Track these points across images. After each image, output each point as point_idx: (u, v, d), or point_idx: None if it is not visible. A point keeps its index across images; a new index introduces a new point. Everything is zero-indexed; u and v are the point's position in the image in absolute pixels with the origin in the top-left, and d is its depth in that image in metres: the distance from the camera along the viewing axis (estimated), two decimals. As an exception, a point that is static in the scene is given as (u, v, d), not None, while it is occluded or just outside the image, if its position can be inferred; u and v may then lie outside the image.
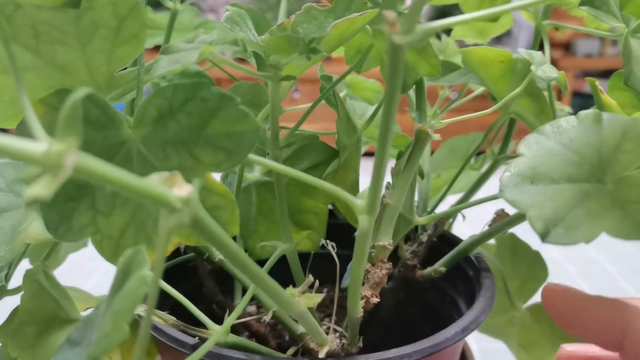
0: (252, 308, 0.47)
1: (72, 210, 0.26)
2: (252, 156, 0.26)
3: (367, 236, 0.26)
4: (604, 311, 0.25)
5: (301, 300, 0.25)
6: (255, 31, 0.30)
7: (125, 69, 0.27)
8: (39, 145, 0.15)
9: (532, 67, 0.34)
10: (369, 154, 0.36)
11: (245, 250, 0.42)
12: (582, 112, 0.26)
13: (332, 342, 0.29)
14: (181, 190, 0.18)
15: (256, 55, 0.28)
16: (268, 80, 0.28)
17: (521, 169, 0.25)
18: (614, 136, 0.25)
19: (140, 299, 0.19)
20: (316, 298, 0.25)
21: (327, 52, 0.30)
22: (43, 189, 0.15)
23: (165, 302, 0.39)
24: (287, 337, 0.43)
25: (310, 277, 0.28)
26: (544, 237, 0.22)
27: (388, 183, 0.37)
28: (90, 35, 0.25)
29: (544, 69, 0.34)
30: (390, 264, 0.33)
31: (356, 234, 0.26)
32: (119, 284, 0.21)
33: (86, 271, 0.65)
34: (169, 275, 0.41)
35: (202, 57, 0.24)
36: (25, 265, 0.35)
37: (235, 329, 0.41)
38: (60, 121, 0.16)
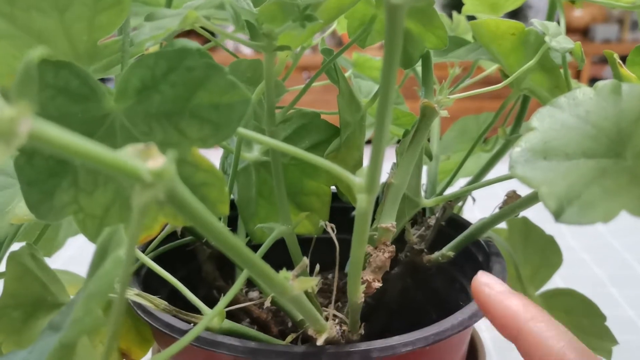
0: (255, 294, 0.45)
1: (53, 187, 0.24)
2: (244, 131, 0.24)
3: (367, 216, 0.24)
4: (506, 309, 0.27)
5: (295, 284, 0.23)
6: (255, 4, 0.29)
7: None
8: (-10, 110, 0.14)
9: (546, 39, 0.32)
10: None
11: (247, 234, 0.40)
12: (600, 83, 0.24)
13: (331, 329, 0.27)
14: (156, 163, 0.17)
15: (249, 25, 0.26)
16: (261, 50, 0.26)
17: (533, 143, 0.23)
18: (634, 108, 0.23)
19: (114, 281, 0.18)
20: (311, 281, 0.24)
21: (326, 21, 0.28)
22: (-6, 157, 0.14)
23: (162, 287, 0.38)
24: (289, 324, 0.42)
25: (305, 260, 0.26)
26: (557, 215, 0.20)
27: (393, 163, 0.35)
28: (69, 1, 0.23)
29: (558, 40, 0.32)
30: (394, 247, 0.31)
31: (355, 213, 0.24)
32: (96, 265, 0.20)
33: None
34: (167, 259, 0.40)
35: (186, 22, 0.22)
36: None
37: (236, 315, 0.40)
38: (14, 85, 0.14)
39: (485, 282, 0.29)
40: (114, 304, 0.17)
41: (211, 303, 0.33)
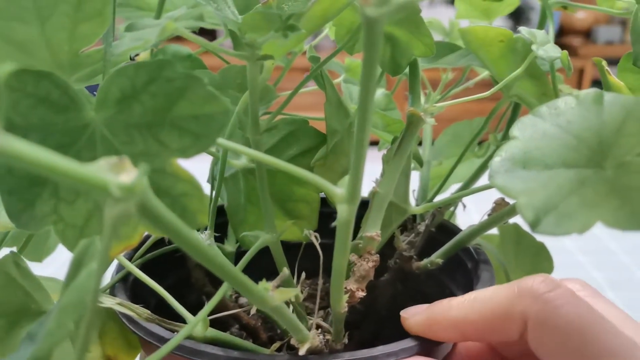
0: (245, 300, 0.45)
1: (34, 197, 0.24)
2: (223, 141, 0.24)
3: (348, 226, 0.24)
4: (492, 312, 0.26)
5: (275, 294, 0.23)
6: (241, 13, 0.29)
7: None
8: (-44, 125, 0.14)
9: (533, 47, 0.32)
10: (373, 142, 0.35)
11: (237, 241, 0.40)
12: (582, 92, 0.24)
13: (314, 339, 0.27)
14: (129, 176, 0.17)
15: (232, 34, 0.26)
16: (245, 59, 0.26)
17: (513, 153, 0.23)
18: (615, 118, 0.23)
19: (87, 294, 0.18)
20: (291, 292, 0.24)
21: (310, 31, 0.28)
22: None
23: (150, 295, 0.38)
24: (279, 330, 0.42)
25: (286, 270, 0.26)
26: (534, 226, 0.20)
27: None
28: (50, 11, 0.23)
29: (545, 48, 0.32)
30: (378, 256, 0.31)
31: (336, 224, 0.24)
32: (71, 277, 0.20)
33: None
34: (157, 266, 0.40)
35: (165, 34, 0.22)
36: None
37: (225, 322, 0.40)
38: (-19, 99, 0.14)
39: (411, 313, 0.29)
40: (83, 318, 0.17)
41: (201, 309, 0.33)
